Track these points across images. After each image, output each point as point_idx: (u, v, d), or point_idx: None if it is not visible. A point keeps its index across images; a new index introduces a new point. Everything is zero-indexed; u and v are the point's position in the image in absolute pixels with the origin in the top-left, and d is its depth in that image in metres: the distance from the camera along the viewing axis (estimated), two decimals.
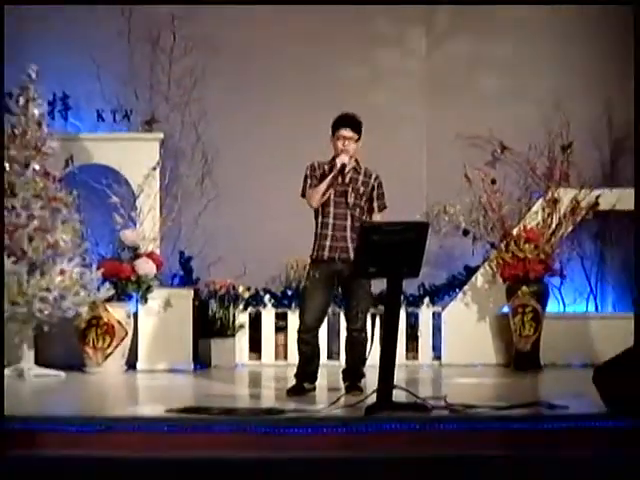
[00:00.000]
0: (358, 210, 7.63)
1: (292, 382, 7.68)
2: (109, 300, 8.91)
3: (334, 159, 7.58)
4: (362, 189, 7.66)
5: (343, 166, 7.54)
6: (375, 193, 7.70)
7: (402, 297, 7.54)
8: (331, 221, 7.60)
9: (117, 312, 8.99)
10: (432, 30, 10.34)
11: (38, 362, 8.68)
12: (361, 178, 7.68)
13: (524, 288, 9.17)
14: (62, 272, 8.49)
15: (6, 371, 8.51)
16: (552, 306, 9.54)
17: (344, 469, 6.07)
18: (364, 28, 10.11)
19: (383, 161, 7.98)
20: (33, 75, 8.66)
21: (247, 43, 10.00)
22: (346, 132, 7.58)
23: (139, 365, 9.10)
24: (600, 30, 10.06)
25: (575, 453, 6.29)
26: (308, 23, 10.08)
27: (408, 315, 9.49)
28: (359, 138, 7.60)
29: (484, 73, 10.19)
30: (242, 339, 9.59)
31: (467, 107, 9.97)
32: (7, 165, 8.57)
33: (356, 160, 7.67)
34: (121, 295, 9.03)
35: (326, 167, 7.63)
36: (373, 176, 7.72)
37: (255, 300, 9.68)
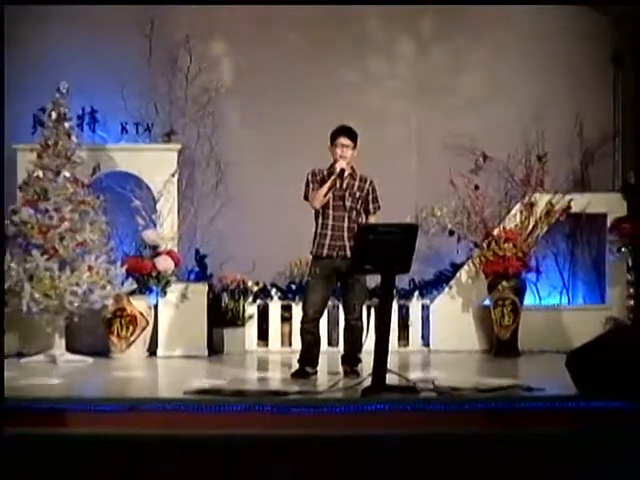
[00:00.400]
0: (354, 212, 7.63)
1: (296, 367, 7.68)
2: (132, 293, 8.91)
3: (332, 166, 7.59)
4: (358, 193, 7.66)
5: (342, 171, 7.55)
6: (370, 197, 7.70)
7: (394, 291, 7.51)
8: (330, 222, 7.59)
9: (139, 304, 8.98)
10: (419, 37, 10.33)
11: (68, 349, 8.67)
12: (357, 183, 7.67)
13: (504, 283, 9.15)
14: (90, 268, 8.47)
15: (40, 357, 8.62)
16: (529, 299, 9.53)
17: (342, 445, 6.05)
18: (361, 45, 10.15)
19: (377, 169, 7.96)
20: (64, 91, 8.64)
21: (255, 63, 9.98)
22: (344, 140, 7.58)
23: (159, 352, 9.10)
24: (573, 52, 10.03)
25: (550, 431, 6.29)
26: (309, 40, 10.09)
27: (400, 307, 9.48)
28: (355, 146, 7.61)
29: (466, 84, 10.17)
30: (251, 328, 9.57)
31: (452, 118, 9.95)
32: (41, 172, 8.57)
33: (352, 167, 7.66)
34: (143, 289, 9.02)
35: (325, 173, 7.63)
36: (368, 181, 7.71)
37: (263, 293, 9.67)
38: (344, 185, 7.61)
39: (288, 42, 10.11)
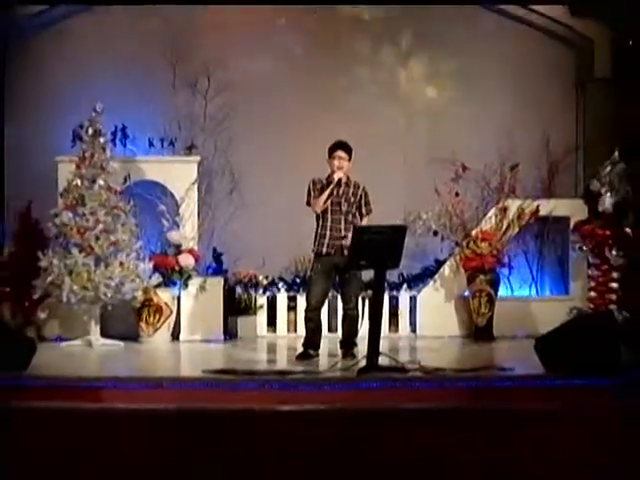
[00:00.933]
0: (350, 215, 7.64)
1: (300, 350, 7.67)
2: (158, 286, 8.89)
3: (330, 176, 7.61)
4: (352, 198, 7.67)
5: (339, 180, 7.58)
6: (363, 201, 7.71)
7: (386, 284, 7.53)
8: (329, 224, 7.60)
9: (164, 295, 8.97)
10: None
11: (103, 334, 8.67)
12: (351, 190, 7.69)
13: (481, 277, 9.15)
14: (121, 264, 8.47)
15: (78, 341, 8.59)
16: (502, 291, 9.50)
17: (341, 418, 6.08)
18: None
19: (372, 178, 7.98)
20: (99, 111, 8.63)
21: (264, 86, 9.99)
22: (341, 153, 7.60)
23: (181, 337, 9.07)
24: (542, 79, 10.08)
25: (521, 405, 6.32)
26: (313, 69, 10.13)
27: (390, 298, 9.45)
28: (350, 159, 7.64)
29: (450, 106, 10.18)
30: (261, 316, 9.55)
31: (436, 134, 9.98)
32: (79, 181, 8.56)
33: (347, 176, 7.68)
34: (167, 282, 9.00)
35: (324, 182, 7.64)
36: (361, 187, 7.73)
37: (271, 286, 9.66)
38: (340, 192, 7.62)
39: (294, 71, 10.12)
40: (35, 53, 9.98)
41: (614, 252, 8.98)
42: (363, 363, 6.82)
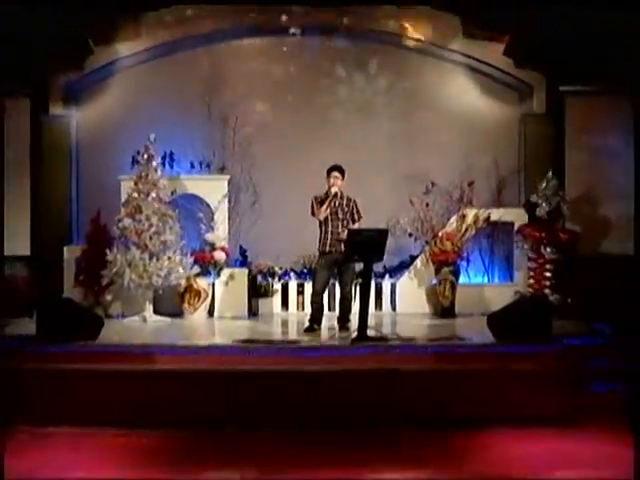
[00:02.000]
0: (345, 221, 7.61)
1: (306, 325, 7.63)
2: (197, 275, 8.86)
3: (327, 191, 7.59)
4: (347, 208, 7.64)
5: (335, 194, 7.57)
6: (354, 210, 7.67)
7: (372, 273, 7.53)
8: (330, 229, 7.59)
9: (202, 282, 8.92)
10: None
11: (155, 312, 8.65)
12: (345, 202, 7.65)
13: (445, 268, 9.10)
14: (169, 258, 8.45)
15: (135, 318, 8.54)
16: (462, 279, 9.43)
17: (339, 376, 6.11)
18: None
19: (362, 192, 7.95)
20: (152, 140, 8.63)
21: (276, 119, 9.96)
22: (336, 174, 7.59)
23: (215, 314, 9.02)
24: (494, 115, 10.09)
25: (477, 367, 6.32)
26: (315, 105, 10.08)
27: (376, 284, 9.34)
28: (343, 178, 7.62)
29: (421, 135, 10.05)
30: (277, 298, 9.51)
31: (412, 157, 9.87)
32: (136, 194, 8.52)
33: (341, 191, 7.65)
34: (204, 272, 8.96)
35: (323, 196, 7.62)
36: (352, 200, 7.69)
37: (284, 275, 9.63)
38: (337, 204, 7.61)
39: (302, 106, 10.07)
40: (102, 97, 10.01)
41: (548, 249, 9.01)
42: (355, 334, 6.84)
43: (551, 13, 8.52)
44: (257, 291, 9.38)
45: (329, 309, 8.91)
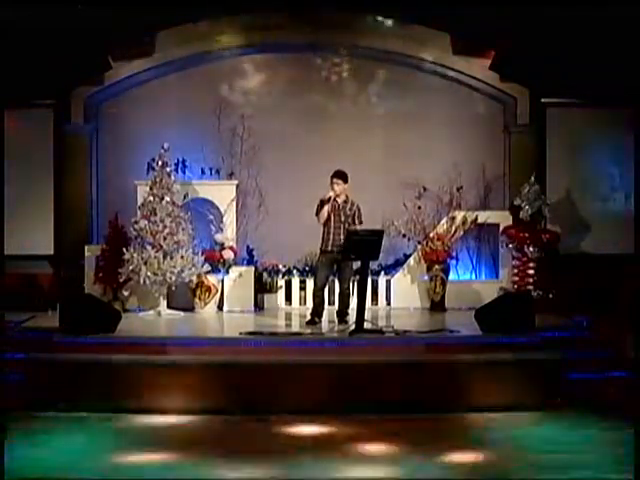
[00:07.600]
0: (347, 223, 7.60)
1: (308, 318, 7.65)
2: (208, 272, 8.82)
3: (330, 196, 7.59)
4: (348, 212, 7.64)
5: (335, 197, 7.57)
6: (356, 214, 7.67)
7: (369, 270, 7.53)
8: (332, 230, 7.59)
9: (212, 279, 8.90)
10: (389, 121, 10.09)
11: (168, 307, 8.62)
12: (348, 205, 7.66)
13: (436, 266, 9.06)
14: (182, 257, 8.41)
15: (150, 312, 8.52)
16: (452, 275, 9.37)
17: (338, 366, 6.12)
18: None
19: (362, 196, 7.93)
20: (166, 148, 8.60)
21: (282, 131, 9.87)
22: (338, 179, 7.60)
23: (224, 308, 9.01)
24: (480, 125, 10.02)
25: (464, 357, 6.34)
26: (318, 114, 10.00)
27: (372, 281, 9.29)
28: (345, 182, 7.63)
29: (414, 144, 9.93)
30: (281, 294, 9.45)
31: (405, 164, 9.78)
32: (151, 198, 8.47)
33: (346, 195, 7.65)
34: (214, 270, 8.92)
35: (326, 199, 7.63)
36: (355, 204, 7.69)
37: (288, 272, 9.55)
38: (339, 206, 7.62)
39: (305, 118, 10.02)
40: (119, 109, 10.00)
41: (531, 248, 9.01)
42: (353, 327, 6.85)
43: (534, 30, 8.51)
44: (263, 287, 9.33)
45: (329, 304, 8.88)
